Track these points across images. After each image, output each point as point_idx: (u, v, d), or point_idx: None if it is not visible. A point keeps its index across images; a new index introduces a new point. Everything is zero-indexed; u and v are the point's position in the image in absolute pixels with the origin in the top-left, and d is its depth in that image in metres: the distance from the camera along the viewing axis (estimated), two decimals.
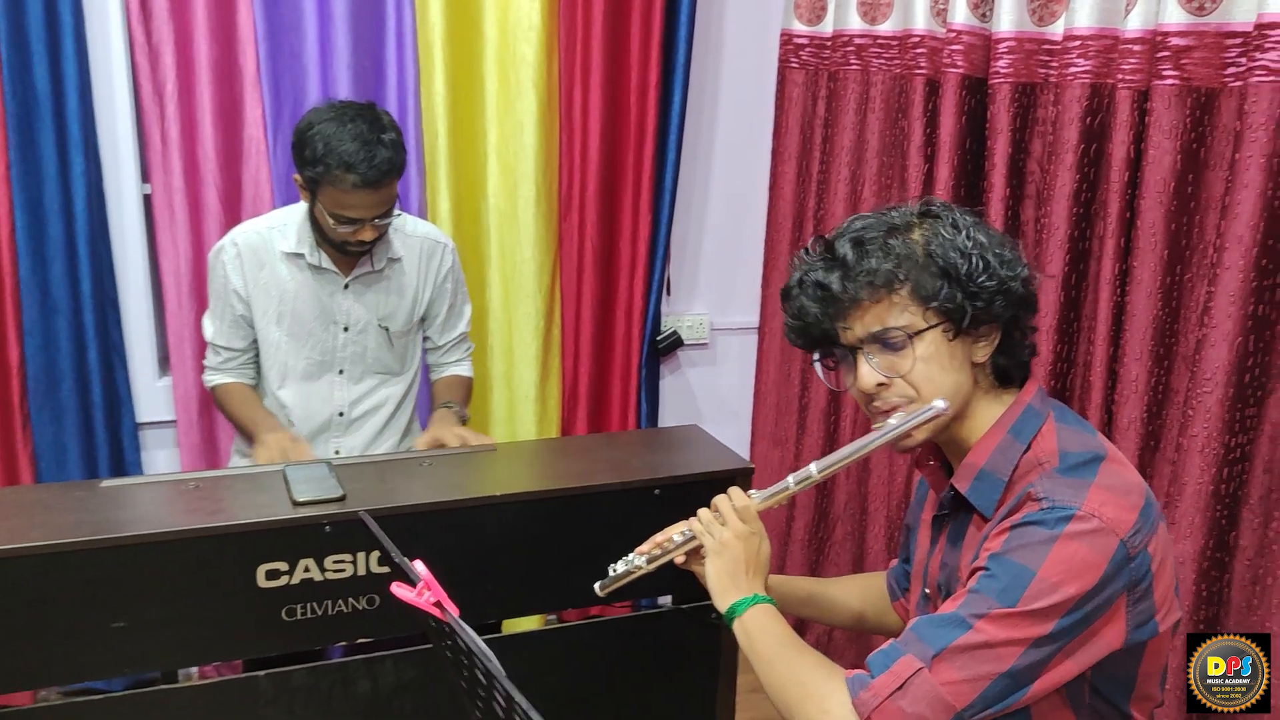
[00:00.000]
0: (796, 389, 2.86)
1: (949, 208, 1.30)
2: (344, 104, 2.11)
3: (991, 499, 1.26)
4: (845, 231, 1.28)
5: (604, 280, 2.89)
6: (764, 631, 1.30)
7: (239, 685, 1.77)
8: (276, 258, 2.21)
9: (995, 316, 1.25)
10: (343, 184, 2.02)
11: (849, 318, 1.25)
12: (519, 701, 0.92)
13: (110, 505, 1.76)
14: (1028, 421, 1.27)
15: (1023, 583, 1.14)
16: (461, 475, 1.97)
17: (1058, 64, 1.96)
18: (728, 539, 1.37)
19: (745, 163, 2.99)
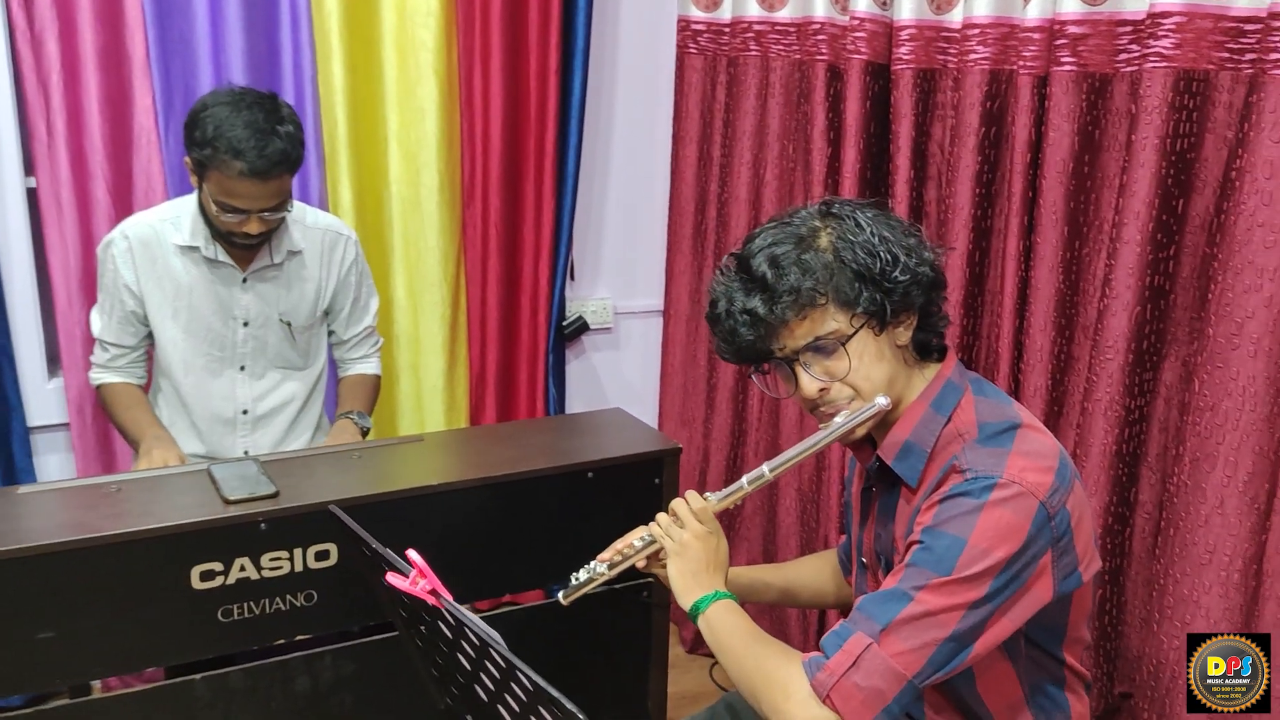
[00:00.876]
0: (704, 370, 2.91)
1: (850, 206, 1.36)
2: (244, 90, 2.04)
3: (916, 470, 1.34)
4: (757, 249, 1.33)
5: (509, 267, 2.88)
6: (726, 626, 1.36)
7: (174, 690, 1.73)
8: (170, 251, 2.13)
9: (912, 304, 1.33)
10: (229, 170, 1.95)
11: (780, 336, 1.32)
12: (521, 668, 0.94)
13: (32, 512, 1.70)
14: (947, 395, 1.36)
15: (955, 552, 1.22)
16: (395, 466, 1.96)
17: (957, 51, 2.05)
18: (687, 540, 1.41)
19: (645, 147, 3.02)
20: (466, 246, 2.82)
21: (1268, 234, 1.56)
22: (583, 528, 1.98)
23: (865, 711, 1.21)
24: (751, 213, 2.70)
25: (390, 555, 1.14)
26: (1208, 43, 1.63)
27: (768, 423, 2.77)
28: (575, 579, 1.55)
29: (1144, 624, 1.81)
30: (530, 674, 0.94)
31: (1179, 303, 1.76)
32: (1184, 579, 1.71)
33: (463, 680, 1.22)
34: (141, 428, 2.13)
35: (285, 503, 1.74)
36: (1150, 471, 1.83)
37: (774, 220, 1.38)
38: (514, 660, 0.95)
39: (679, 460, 2.06)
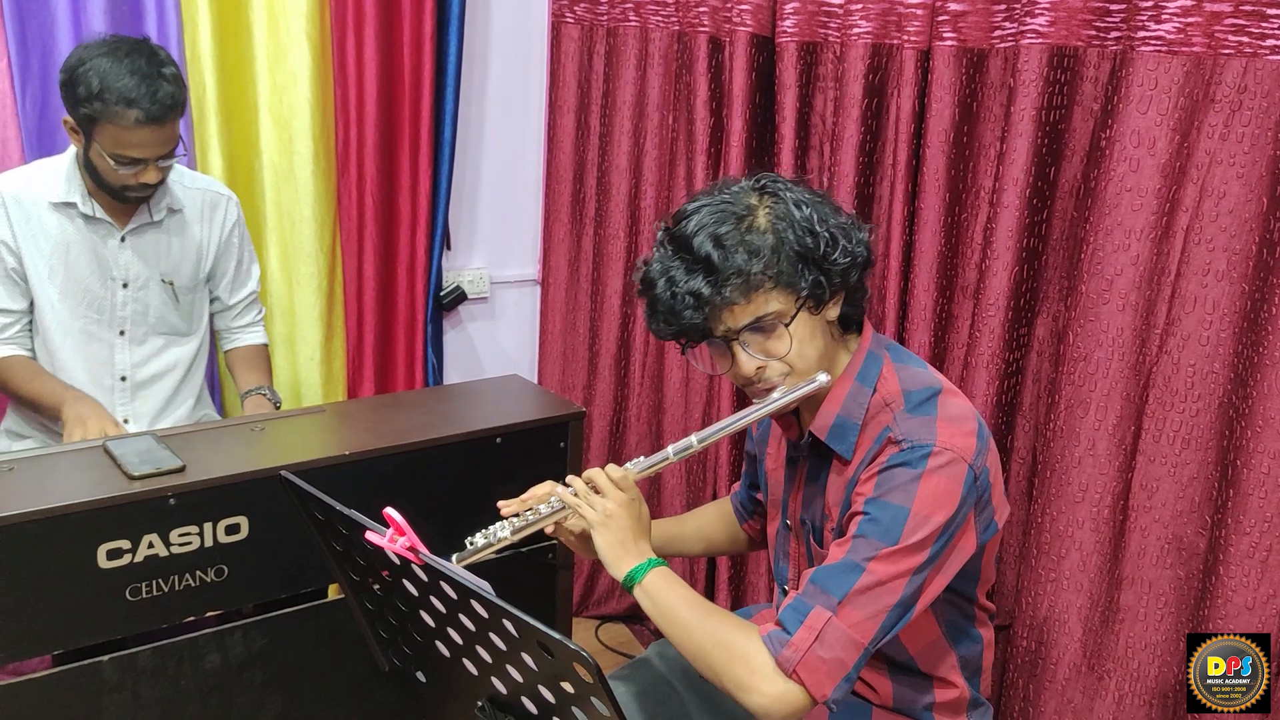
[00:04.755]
0: (584, 337, 2.95)
1: (782, 183, 1.39)
2: (116, 38, 1.98)
3: (849, 442, 1.40)
4: (698, 228, 1.33)
5: (385, 237, 2.84)
6: (667, 594, 1.37)
7: (77, 674, 1.67)
8: (44, 208, 2.05)
9: (848, 284, 1.38)
10: (123, 120, 1.90)
11: (722, 317, 1.34)
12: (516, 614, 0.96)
13: None
14: (870, 366, 1.43)
15: (900, 521, 1.29)
16: (301, 437, 1.93)
17: (839, 25, 2.14)
18: (612, 509, 1.40)
19: (520, 116, 3.02)
20: (342, 216, 2.76)
21: (1135, 198, 1.71)
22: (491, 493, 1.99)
23: (829, 682, 1.27)
24: (632, 181, 2.75)
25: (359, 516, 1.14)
26: (1078, 21, 1.77)
27: (650, 388, 2.84)
28: (472, 543, 1.50)
29: (1020, 560, 1.97)
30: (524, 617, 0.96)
31: (1050, 263, 1.90)
32: (1060, 516, 1.87)
33: (421, 638, 1.23)
34: (58, 394, 2.03)
35: (193, 476, 1.69)
36: (1024, 420, 1.98)
37: (704, 194, 1.39)
38: (505, 606, 0.98)
39: (582, 424, 2.10)
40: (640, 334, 2.82)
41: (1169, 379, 1.72)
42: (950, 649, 1.49)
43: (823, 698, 1.28)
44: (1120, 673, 1.82)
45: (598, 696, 0.96)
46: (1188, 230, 1.68)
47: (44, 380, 2.07)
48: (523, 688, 1.08)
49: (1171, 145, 1.68)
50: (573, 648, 0.92)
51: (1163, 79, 1.67)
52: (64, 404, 1.99)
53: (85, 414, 1.96)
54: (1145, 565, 1.78)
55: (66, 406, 1.99)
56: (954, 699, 1.50)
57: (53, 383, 2.06)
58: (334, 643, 1.86)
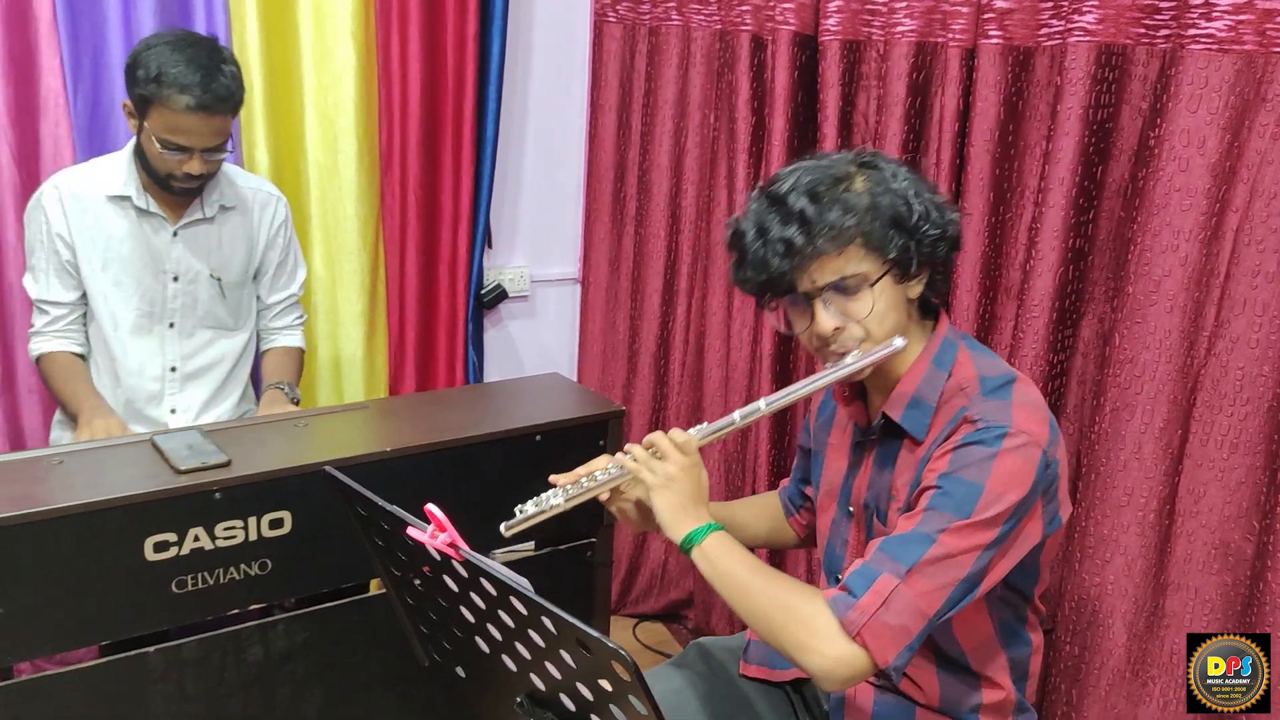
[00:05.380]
0: (624, 337, 2.96)
1: (883, 159, 1.40)
2: (186, 31, 2.06)
3: (923, 423, 1.40)
4: (795, 185, 1.35)
5: (427, 235, 2.86)
6: (727, 557, 1.37)
7: (125, 664, 1.70)
8: (100, 201, 2.10)
9: (935, 259, 1.38)
10: (175, 105, 1.94)
11: (810, 270, 1.34)
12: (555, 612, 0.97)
13: None
14: (946, 351, 1.43)
15: (974, 495, 1.29)
16: (344, 434, 1.95)
17: (882, 23, 2.13)
18: (672, 472, 1.41)
19: (562, 115, 3.03)
20: (385, 214, 2.78)
21: (1184, 198, 1.68)
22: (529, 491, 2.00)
23: (892, 648, 1.27)
24: (673, 179, 2.75)
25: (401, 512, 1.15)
26: (1126, 19, 1.74)
27: (689, 386, 2.84)
28: (521, 510, 1.50)
29: (1064, 563, 1.94)
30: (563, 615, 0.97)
31: (1096, 264, 1.88)
32: (1105, 520, 1.84)
33: (461, 633, 1.24)
34: (80, 400, 2.08)
35: (239, 471, 1.71)
36: (1069, 423, 1.96)
37: (803, 161, 1.39)
38: (543, 603, 0.99)
39: (623, 422, 2.10)
40: (680, 333, 2.82)
41: (1217, 382, 1.70)
42: (1001, 649, 1.48)
43: (885, 663, 1.27)
44: (1165, 679, 1.79)
45: (635, 695, 0.96)
46: (1237, 231, 1.65)
47: (76, 384, 2.11)
48: (561, 684, 1.09)
49: (1221, 145, 1.65)
50: (611, 645, 0.92)
51: (1213, 77, 1.64)
52: (81, 412, 2.05)
53: (93, 419, 2.01)
54: (1191, 571, 1.76)
55: (82, 415, 2.04)
56: (1000, 701, 1.49)
57: (82, 389, 2.11)
58: (375, 637, 1.88)
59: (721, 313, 2.66)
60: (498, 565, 1.06)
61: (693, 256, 2.75)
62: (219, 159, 2.07)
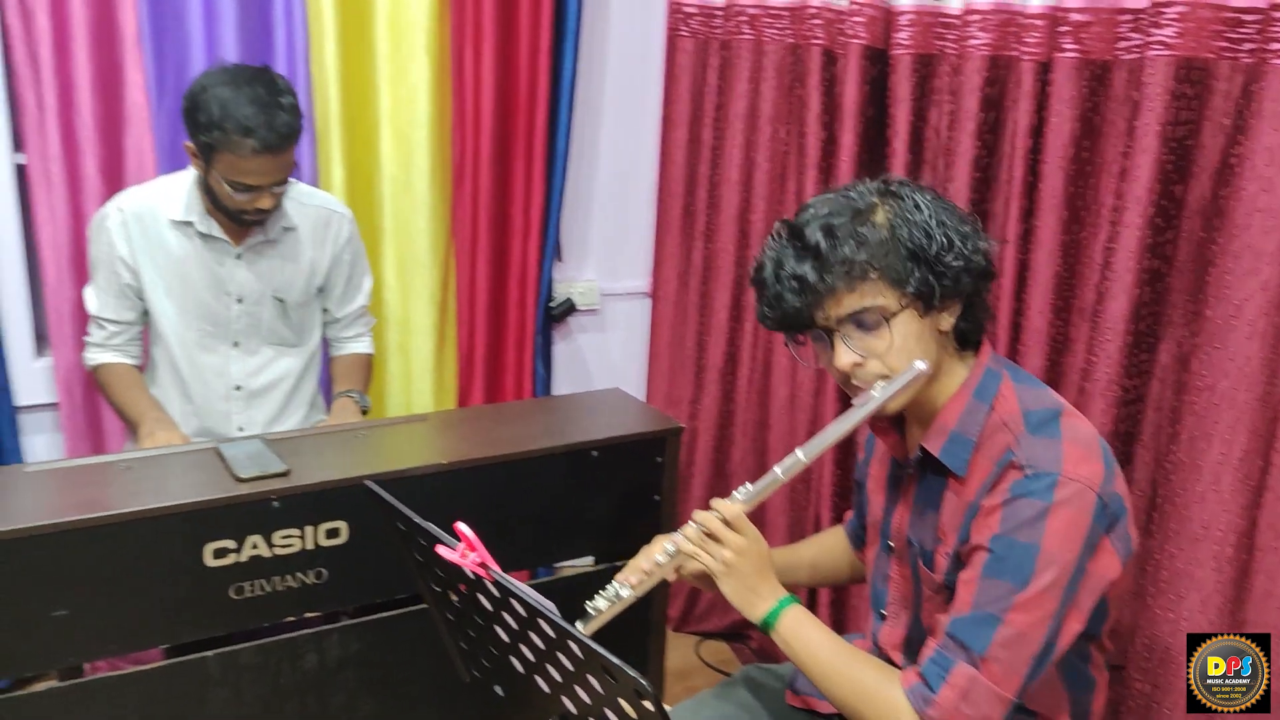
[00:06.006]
0: (692, 352, 2.94)
1: (909, 186, 1.36)
2: (238, 67, 2.04)
3: (963, 459, 1.35)
4: (812, 218, 1.32)
5: (498, 248, 2.88)
6: (805, 639, 1.37)
7: (185, 668, 1.73)
8: (164, 225, 2.13)
9: (961, 292, 1.33)
10: (241, 150, 1.95)
11: (825, 305, 1.31)
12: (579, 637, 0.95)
13: (42, 490, 1.69)
14: (988, 383, 1.38)
15: (1030, 560, 1.24)
16: (402, 445, 1.97)
17: (956, 37, 2.08)
18: (730, 558, 1.39)
19: (634, 129, 3.03)
20: (456, 227, 2.81)
21: (1267, 219, 1.60)
22: (586, 506, 2.01)
23: None
24: (742, 194, 2.73)
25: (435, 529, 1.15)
26: (1208, 32, 1.67)
27: (755, 403, 2.81)
28: (594, 609, 1.46)
29: (1137, 598, 1.86)
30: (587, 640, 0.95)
31: (1175, 286, 1.80)
32: (1179, 554, 1.76)
33: (498, 652, 1.24)
34: (141, 409, 2.12)
35: (297, 481, 1.74)
36: (1145, 450, 1.88)
37: (830, 192, 1.38)
38: (568, 628, 0.97)
39: (680, 439, 2.08)
40: (747, 349, 2.79)
41: None
42: (1062, 688, 1.43)
43: None
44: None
45: None
46: None
47: (134, 393, 2.16)
48: (591, 710, 1.07)
49: None
50: (631, 674, 0.91)
51: None
52: (142, 422, 2.09)
53: (155, 430, 2.05)
54: (1270, 609, 1.67)
55: (144, 424, 2.08)
56: None
57: (140, 397, 2.16)
58: (427, 650, 1.87)
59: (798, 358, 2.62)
60: (524, 587, 1.05)
61: None
62: (284, 190, 2.09)
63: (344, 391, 2.31)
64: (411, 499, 1.80)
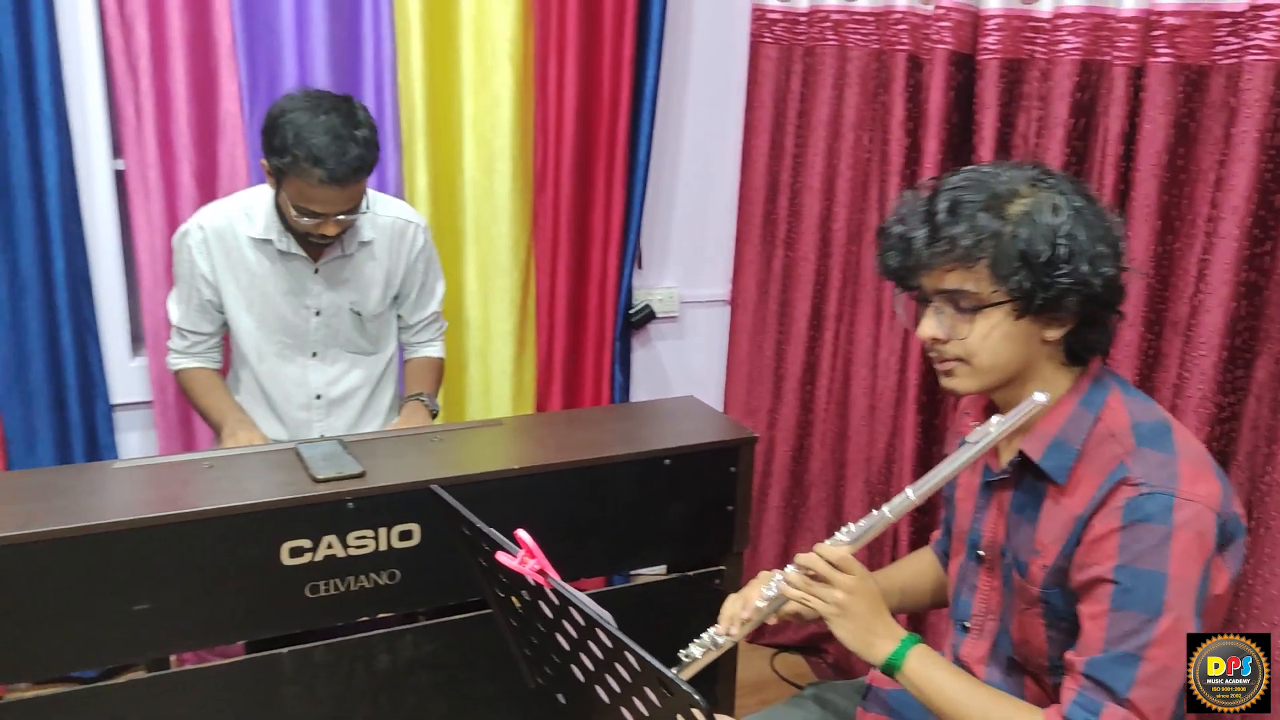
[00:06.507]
0: (770, 360, 2.91)
1: (1065, 185, 1.29)
2: (320, 94, 2.05)
3: (1065, 466, 1.31)
4: (952, 188, 1.30)
5: (578, 255, 2.90)
6: (936, 681, 1.33)
7: (261, 664, 1.76)
8: (244, 243, 2.17)
9: (1064, 308, 1.27)
10: (309, 178, 1.97)
11: (923, 274, 1.31)
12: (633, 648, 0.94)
13: (128, 486, 1.74)
14: (1095, 392, 1.33)
15: (1159, 588, 1.20)
16: (476, 449, 1.98)
17: (1045, 41, 2.03)
18: (842, 599, 1.34)
19: (715, 136, 3.02)
20: (537, 234, 2.83)
21: None
22: (659, 514, 2.00)
23: None
24: (824, 202, 2.69)
25: (496, 535, 1.15)
26: None
27: (834, 414, 2.77)
28: (688, 656, 1.42)
29: (1228, 624, 1.78)
30: (643, 654, 0.94)
31: (1273, 299, 1.72)
32: (1273, 579, 1.69)
33: (559, 660, 1.23)
34: (223, 411, 2.18)
35: (372, 482, 1.76)
36: (1239, 470, 1.80)
37: (989, 166, 1.34)
38: (625, 640, 0.96)
39: (754, 449, 2.06)
40: (826, 359, 2.76)
41: None
42: None
43: None
44: None
45: None
46: None
47: (216, 396, 2.22)
48: None
49: None
50: (685, 689, 0.89)
51: None
52: (225, 423, 2.15)
53: (237, 431, 2.10)
54: None
55: (226, 425, 2.14)
56: None
57: (222, 399, 2.22)
58: (499, 654, 1.89)
59: (869, 340, 2.58)
60: (582, 597, 1.04)
61: (842, 280, 2.68)
62: (353, 219, 2.10)
63: (414, 395, 2.34)
64: (484, 503, 1.82)
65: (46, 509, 1.61)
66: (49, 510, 1.60)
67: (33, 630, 1.57)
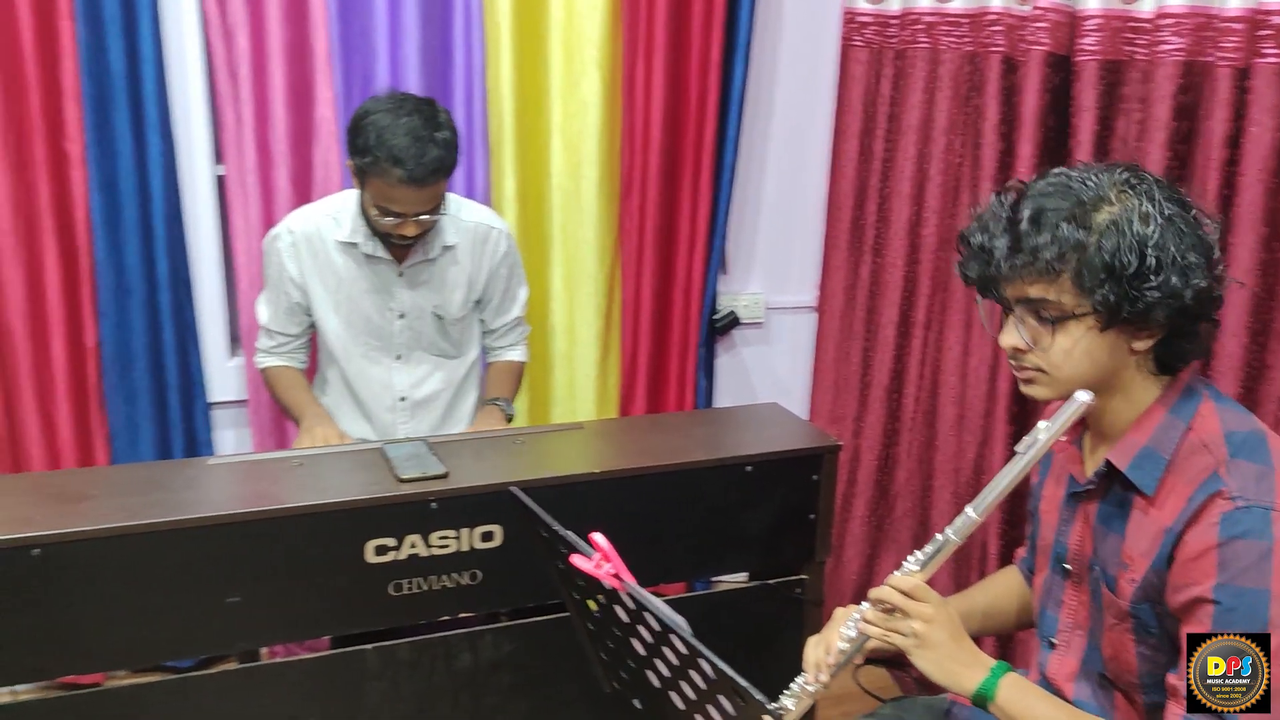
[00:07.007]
0: (857, 368, 2.87)
1: (1151, 190, 1.23)
2: (403, 96, 2.10)
3: (1154, 477, 1.26)
4: (1035, 195, 1.25)
5: (663, 259, 2.89)
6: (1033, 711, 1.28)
7: (345, 659, 1.80)
8: (331, 247, 2.22)
9: (1154, 321, 1.23)
10: (389, 178, 2.01)
11: (1005, 284, 1.27)
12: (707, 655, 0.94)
13: (221, 482, 1.79)
14: (1186, 401, 1.28)
15: (1263, 605, 1.16)
16: (557, 452, 1.99)
17: (1146, 42, 1.97)
18: (919, 628, 1.31)
19: (803, 141, 2.99)
20: (623, 239, 2.84)
21: None
22: (740, 521, 1.98)
23: None
24: (913, 208, 2.65)
25: (573, 538, 1.16)
26: None
27: (922, 424, 2.72)
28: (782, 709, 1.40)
29: None
30: (717, 662, 0.94)
31: None
32: None
33: (634, 665, 1.23)
34: (303, 407, 2.24)
35: (454, 483, 1.78)
36: None
37: (1075, 168, 1.29)
38: (699, 647, 0.96)
39: (837, 457, 2.03)
40: (914, 367, 2.71)
41: None
42: None
43: None
44: None
45: None
46: None
47: (297, 392, 2.28)
48: None
49: None
50: (759, 699, 0.88)
51: None
52: (303, 418, 2.20)
53: (314, 426, 2.16)
54: None
55: (304, 420, 2.19)
56: None
57: (302, 396, 2.28)
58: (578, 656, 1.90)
59: (959, 348, 2.53)
60: (657, 602, 1.04)
61: (932, 288, 2.63)
62: (433, 220, 2.13)
63: (492, 399, 2.37)
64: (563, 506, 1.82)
65: (145, 502, 1.66)
66: (148, 504, 1.66)
67: (131, 620, 1.62)
